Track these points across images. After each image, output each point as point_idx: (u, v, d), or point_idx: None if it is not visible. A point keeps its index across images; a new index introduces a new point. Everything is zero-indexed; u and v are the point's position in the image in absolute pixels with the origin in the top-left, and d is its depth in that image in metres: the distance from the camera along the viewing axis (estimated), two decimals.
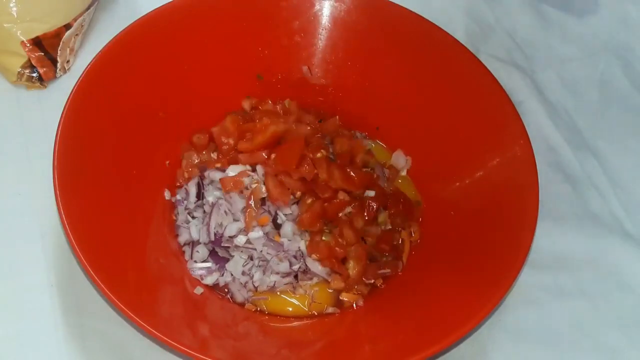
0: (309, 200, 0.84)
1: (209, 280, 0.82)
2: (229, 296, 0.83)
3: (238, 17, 0.93)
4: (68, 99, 0.79)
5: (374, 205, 0.86)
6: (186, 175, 0.89)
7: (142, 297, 0.73)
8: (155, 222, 0.85)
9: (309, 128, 0.92)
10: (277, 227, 0.83)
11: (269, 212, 0.83)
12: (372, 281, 0.84)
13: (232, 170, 0.85)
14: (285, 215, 0.84)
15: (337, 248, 0.83)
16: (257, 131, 0.87)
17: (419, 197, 0.92)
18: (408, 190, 0.92)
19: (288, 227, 0.83)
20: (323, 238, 0.83)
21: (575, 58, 1.15)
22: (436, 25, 0.91)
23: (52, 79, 0.98)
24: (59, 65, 0.97)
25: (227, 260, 0.83)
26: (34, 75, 0.96)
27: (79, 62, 1.00)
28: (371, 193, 0.87)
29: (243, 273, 0.82)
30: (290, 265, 0.82)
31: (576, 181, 1.00)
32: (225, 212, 0.83)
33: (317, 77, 0.97)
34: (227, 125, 0.90)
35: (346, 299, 0.83)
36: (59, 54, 0.96)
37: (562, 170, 1.01)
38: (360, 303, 0.83)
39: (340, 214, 0.84)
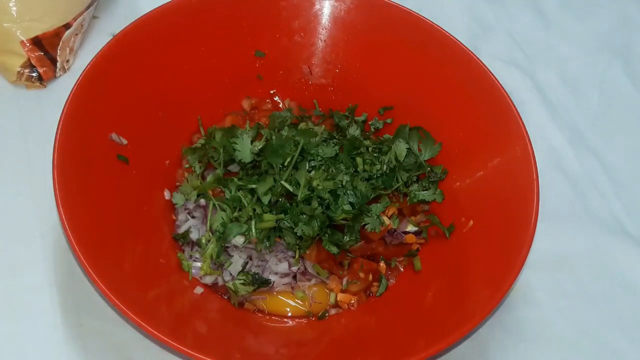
0: None
1: (208, 279, 0.82)
2: (227, 296, 0.82)
3: (238, 16, 0.93)
4: (68, 99, 0.79)
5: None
6: (186, 175, 0.89)
7: (141, 297, 0.73)
8: (155, 222, 0.85)
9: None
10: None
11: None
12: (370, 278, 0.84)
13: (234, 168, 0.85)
14: None
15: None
16: None
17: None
18: None
19: None
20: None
21: (576, 58, 1.15)
22: (436, 25, 0.91)
23: (52, 79, 0.98)
24: (58, 64, 0.97)
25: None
26: (34, 74, 0.96)
27: (79, 61, 1.00)
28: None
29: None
30: (289, 265, 0.82)
31: (576, 181, 1.00)
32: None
33: (317, 77, 0.97)
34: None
35: (340, 300, 0.83)
36: (58, 54, 0.96)
37: (562, 170, 1.01)
38: (354, 304, 0.83)
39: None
